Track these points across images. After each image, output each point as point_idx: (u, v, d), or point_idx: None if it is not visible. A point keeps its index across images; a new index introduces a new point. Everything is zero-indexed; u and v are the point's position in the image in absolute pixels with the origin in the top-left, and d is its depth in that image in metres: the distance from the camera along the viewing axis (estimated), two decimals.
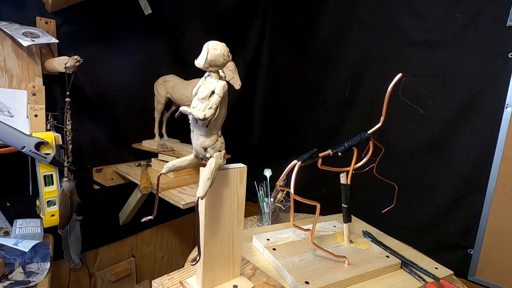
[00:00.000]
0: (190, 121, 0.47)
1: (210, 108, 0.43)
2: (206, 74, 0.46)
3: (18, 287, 0.73)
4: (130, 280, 1.37)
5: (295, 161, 0.62)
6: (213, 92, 0.43)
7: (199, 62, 0.44)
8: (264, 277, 0.62)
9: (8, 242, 0.79)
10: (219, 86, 0.43)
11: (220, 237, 0.54)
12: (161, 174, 0.48)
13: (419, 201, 1.08)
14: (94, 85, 1.14)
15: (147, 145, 1.23)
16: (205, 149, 0.47)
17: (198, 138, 0.47)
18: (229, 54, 0.44)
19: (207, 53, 0.43)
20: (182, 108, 0.44)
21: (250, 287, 0.58)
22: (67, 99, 0.92)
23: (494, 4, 0.89)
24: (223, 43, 0.44)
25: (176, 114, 0.45)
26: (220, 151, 0.48)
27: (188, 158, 0.49)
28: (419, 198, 1.07)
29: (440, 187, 1.03)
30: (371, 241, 0.79)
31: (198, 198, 0.44)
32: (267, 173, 1.00)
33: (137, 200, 1.21)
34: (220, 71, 0.46)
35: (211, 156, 0.47)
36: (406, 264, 0.70)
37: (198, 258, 0.46)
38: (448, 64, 0.98)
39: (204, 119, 0.42)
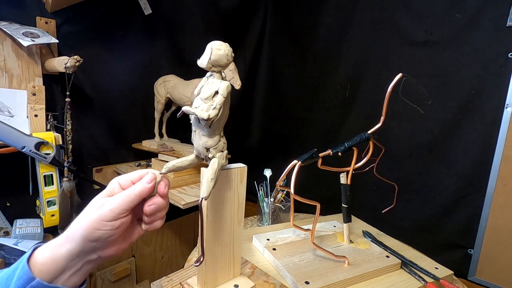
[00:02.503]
0: (191, 121, 0.47)
1: (214, 108, 0.42)
2: (208, 74, 0.46)
3: None
4: (130, 280, 1.37)
5: (295, 161, 0.62)
6: (216, 92, 0.43)
7: (202, 62, 0.44)
8: (263, 275, 0.62)
9: (8, 242, 0.79)
10: (223, 87, 0.43)
11: (221, 237, 0.54)
12: (161, 174, 0.48)
13: (419, 201, 1.08)
14: (94, 85, 1.14)
15: (147, 145, 1.23)
16: (208, 150, 0.47)
17: (200, 139, 0.47)
18: (233, 54, 0.44)
19: (211, 53, 0.43)
20: (184, 108, 0.43)
21: (250, 286, 0.58)
22: (67, 99, 0.92)
23: (494, 4, 0.89)
24: (227, 44, 0.44)
25: (178, 114, 0.45)
26: (222, 151, 0.48)
27: (189, 158, 0.49)
28: (419, 198, 1.07)
29: (440, 187, 1.03)
30: (371, 241, 0.79)
31: (202, 198, 0.44)
32: (267, 173, 1.00)
33: None
34: (222, 71, 0.46)
35: (213, 157, 0.47)
36: (406, 264, 0.70)
37: (202, 259, 0.46)
38: (448, 64, 0.98)
39: (208, 119, 0.42)
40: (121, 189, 0.42)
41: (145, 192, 0.41)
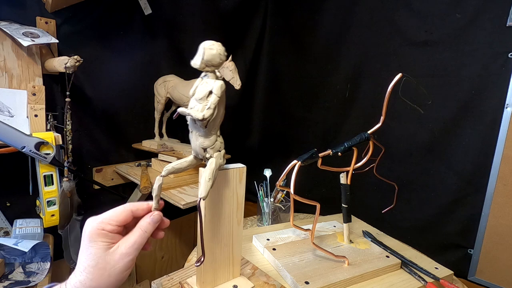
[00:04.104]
0: (188, 122, 0.47)
1: (208, 108, 0.42)
2: (203, 74, 0.46)
3: (18, 287, 0.73)
4: (130, 280, 1.37)
5: (295, 161, 0.62)
6: (210, 92, 0.43)
7: (195, 62, 0.44)
8: (264, 276, 0.62)
9: (8, 242, 0.79)
10: (216, 86, 0.43)
11: (220, 237, 0.54)
12: (161, 176, 0.48)
13: (419, 201, 1.08)
14: (94, 85, 1.14)
15: (147, 145, 1.23)
16: (205, 150, 0.47)
17: (197, 139, 0.47)
18: (225, 53, 0.44)
19: (203, 53, 0.42)
20: (180, 109, 0.43)
21: (250, 287, 0.58)
22: (67, 99, 0.92)
23: (494, 4, 0.89)
24: (219, 43, 0.44)
25: (174, 116, 0.45)
26: (219, 151, 0.48)
27: (188, 159, 0.49)
28: (419, 198, 1.07)
29: (440, 187, 1.03)
30: (371, 241, 0.79)
31: (200, 198, 0.44)
32: (267, 173, 1.00)
33: (137, 200, 1.21)
34: (216, 70, 0.46)
35: (211, 157, 0.47)
36: (406, 264, 0.70)
37: (202, 259, 0.46)
38: (448, 64, 0.98)
39: (203, 119, 0.42)
40: (111, 234, 0.40)
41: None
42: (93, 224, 0.39)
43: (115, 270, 0.38)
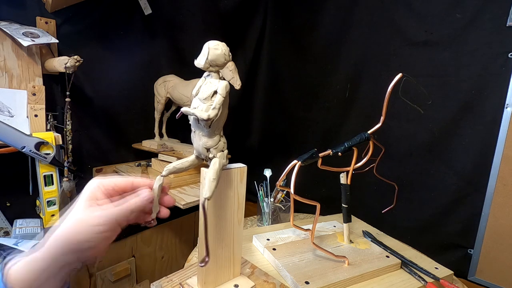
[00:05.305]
0: (190, 122, 0.47)
1: (213, 108, 0.42)
2: (206, 74, 0.46)
3: None
4: (130, 280, 1.37)
5: (295, 161, 0.62)
6: (215, 92, 0.43)
7: (199, 62, 0.44)
8: (263, 275, 0.63)
9: (8, 242, 0.79)
10: (221, 86, 0.43)
11: (221, 237, 0.54)
12: (162, 176, 0.48)
13: (419, 201, 1.08)
14: (94, 85, 1.14)
15: (147, 145, 1.23)
16: (208, 150, 0.47)
17: (200, 139, 0.47)
18: (230, 53, 0.44)
19: (208, 53, 0.42)
20: (184, 109, 0.43)
21: (250, 286, 0.58)
22: (67, 99, 0.92)
23: (494, 4, 0.89)
24: (224, 43, 0.44)
25: (177, 115, 0.45)
26: (222, 151, 0.48)
27: (189, 159, 0.49)
28: (419, 198, 1.07)
29: (440, 187, 1.03)
30: (371, 241, 0.79)
31: (205, 199, 0.44)
32: (267, 173, 1.00)
33: None
34: (219, 70, 0.46)
35: (214, 157, 0.47)
36: (406, 264, 0.70)
37: (207, 259, 0.45)
38: (448, 64, 0.98)
39: (208, 119, 0.42)
40: (103, 195, 0.39)
41: (141, 207, 0.40)
42: (94, 184, 0.40)
43: (88, 217, 0.37)
